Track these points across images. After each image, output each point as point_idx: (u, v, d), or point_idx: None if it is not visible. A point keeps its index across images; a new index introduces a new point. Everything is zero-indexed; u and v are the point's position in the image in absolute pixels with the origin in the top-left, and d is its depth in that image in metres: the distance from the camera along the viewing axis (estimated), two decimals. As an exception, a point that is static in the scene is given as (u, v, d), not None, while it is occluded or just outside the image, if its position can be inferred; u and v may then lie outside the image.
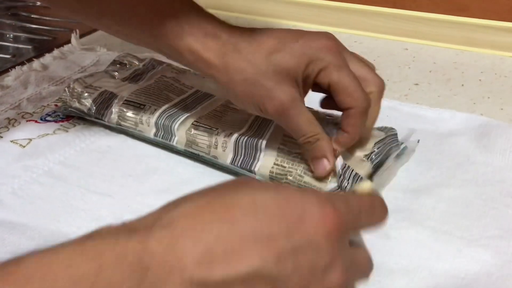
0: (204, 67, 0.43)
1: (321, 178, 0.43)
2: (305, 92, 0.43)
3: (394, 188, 0.45)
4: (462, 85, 0.62)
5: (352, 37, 0.75)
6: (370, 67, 0.44)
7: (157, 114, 0.50)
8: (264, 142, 0.45)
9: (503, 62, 0.67)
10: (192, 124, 0.49)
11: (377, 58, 0.69)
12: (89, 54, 0.70)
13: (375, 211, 0.30)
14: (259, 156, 0.45)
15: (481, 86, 0.62)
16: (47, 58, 0.68)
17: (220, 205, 0.25)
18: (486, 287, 0.36)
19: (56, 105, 0.58)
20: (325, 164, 0.42)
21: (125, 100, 0.52)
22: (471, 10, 0.68)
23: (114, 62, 0.59)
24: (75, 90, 0.55)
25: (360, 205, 0.29)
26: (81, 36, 0.73)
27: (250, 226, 0.24)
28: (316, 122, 0.42)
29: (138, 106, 0.52)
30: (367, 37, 0.75)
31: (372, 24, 0.74)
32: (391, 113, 0.56)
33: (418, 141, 0.49)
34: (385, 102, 0.57)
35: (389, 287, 0.36)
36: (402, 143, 0.48)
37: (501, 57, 0.68)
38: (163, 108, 0.51)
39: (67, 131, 0.54)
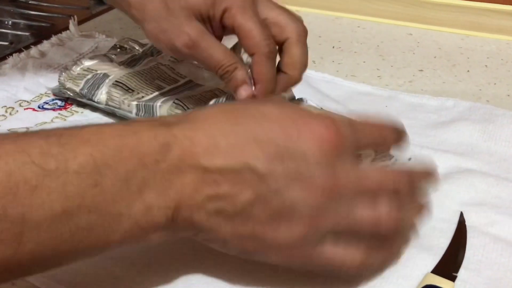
0: (125, 6, 0.44)
1: None
2: (219, 33, 0.43)
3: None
4: (468, 70, 0.61)
5: (355, 22, 0.74)
6: (289, 13, 0.43)
7: (143, 100, 0.50)
8: None
9: (509, 46, 0.66)
10: (173, 102, 0.48)
11: (381, 44, 0.68)
12: (87, 40, 0.69)
13: (385, 136, 0.34)
14: None
15: (487, 72, 0.61)
16: (45, 45, 0.67)
17: (234, 111, 0.31)
18: (488, 274, 0.36)
19: (54, 95, 0.57)
20: (246, 89, 0.41)
21: (115, 81, 0.52)
22: (477, -6, 0.67)
23: (115, 46, 0.59)
24: (72, 73, 0.54)
25: (366, 129, 0.33)
26: (80, 22, 0.71)
27: (252, 128, 0.30)
28: (232, 53, 0.42)
29: (126, 89, 0.51)
30: (370, 22, 0.73)
31: (375, 8, 0.73)
32: (390, 103, 0.55)
33: (410, 159, 0.46)
34: (383, 92, 0.57)
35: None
36: (393, 157, 0.46)
37: (507, 41, 0.67)
38: (151, 96, 0.50)
39: (65, 120, 0.53)
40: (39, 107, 0.55)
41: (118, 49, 0.58)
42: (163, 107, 0.48)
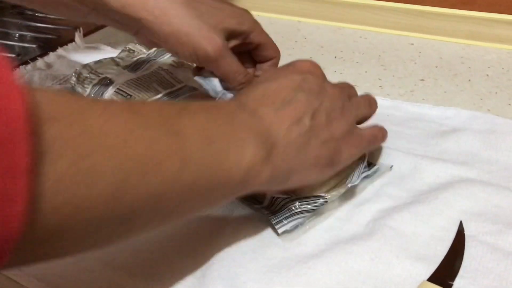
0: (133, 11, 0.43)
1: None
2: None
3: (399, 188, 0.45)
4: (469, 80, 0.62)
5: (357, 33, 0.74)
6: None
7: None
8: None
9: (510, 56, 0.66)
10: None
11: (382, 54, 0.68)
12: (93, 52, 0.70)
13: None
14: None
15: (488, 81, 0.61)
16: (51, 56, 0.68)
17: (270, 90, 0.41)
18: (484, 283, 0.36)
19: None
20: None
21: (117, 89, 0.53)
22: (477, 4, 0.68)
23: (124, 49, 0.61)
24: (81, 75, 0.56)
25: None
26: (85, 34, 0.73)
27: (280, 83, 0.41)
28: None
29: (125, 96, 0.53)
30: (372, 32, 0.74)
31: (376, 19, 0.74)
32: (391, 112, 0.56)
33: (391, 167, 0.47)
34: (386, 102, 0.57)
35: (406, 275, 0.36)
36: (375, 165, 0.47)
37: (508, 51, 0.67)
38: (148, 100, 0.52)
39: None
40: (45, 118, 0.56)
41: (127, 52, 0.60)
42: None
